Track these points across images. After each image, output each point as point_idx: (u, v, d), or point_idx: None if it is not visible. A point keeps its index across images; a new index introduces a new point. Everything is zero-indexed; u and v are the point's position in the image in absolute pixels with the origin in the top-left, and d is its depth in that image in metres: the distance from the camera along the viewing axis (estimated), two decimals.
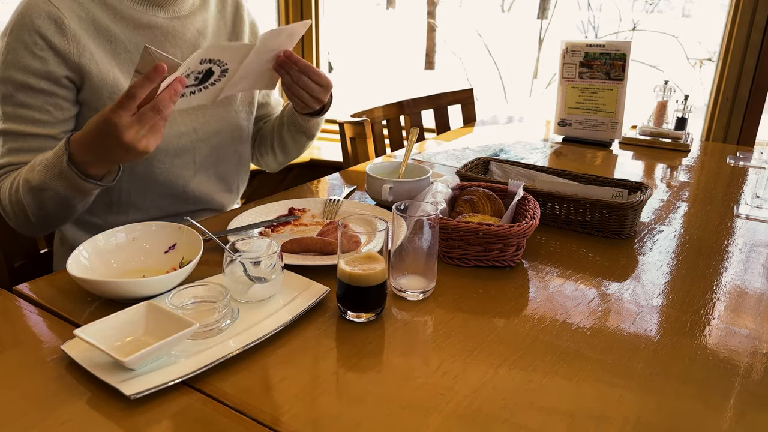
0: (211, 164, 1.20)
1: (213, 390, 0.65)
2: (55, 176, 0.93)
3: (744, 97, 2.29)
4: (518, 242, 0.95)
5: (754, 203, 1.32)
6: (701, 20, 7.93)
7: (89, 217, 1.15)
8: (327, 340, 0.76)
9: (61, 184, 0.93)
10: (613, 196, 1.13)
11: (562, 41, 1.84)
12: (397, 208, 0.84)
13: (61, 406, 0.62)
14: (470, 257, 0.96)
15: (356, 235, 0.82)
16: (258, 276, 0.79)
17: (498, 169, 1.31)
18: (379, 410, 0.63)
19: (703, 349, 0.77)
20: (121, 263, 0.89)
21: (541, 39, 6.16)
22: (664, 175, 1.58)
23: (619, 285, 0.93)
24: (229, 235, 1.01)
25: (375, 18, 11.70)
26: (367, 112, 1.83)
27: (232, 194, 1.30)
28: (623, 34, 5.52)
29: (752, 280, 0.97)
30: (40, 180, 0.94)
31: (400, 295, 0.86)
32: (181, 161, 1.14)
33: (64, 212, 1.00)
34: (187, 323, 0.69)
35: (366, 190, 1.22)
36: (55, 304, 0.81)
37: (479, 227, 0.93)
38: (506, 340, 0.77)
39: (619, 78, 1.78)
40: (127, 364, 0.64)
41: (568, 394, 0.67)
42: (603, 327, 0.81)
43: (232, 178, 1.27)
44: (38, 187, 0.95)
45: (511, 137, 1.90)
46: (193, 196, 1.19)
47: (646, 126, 1.92)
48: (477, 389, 0.67)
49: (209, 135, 1.17)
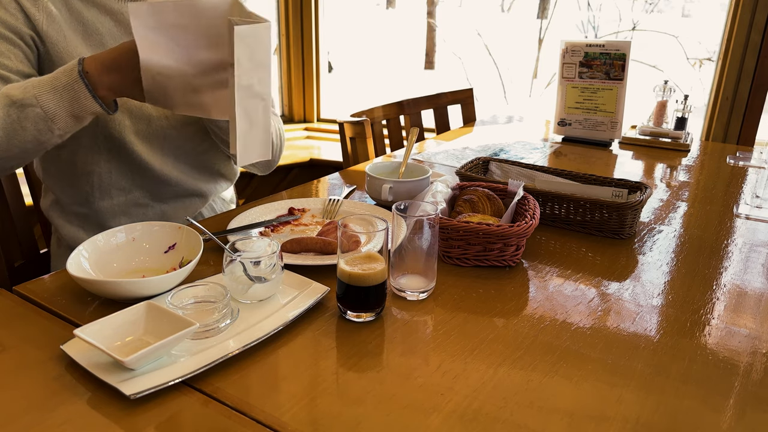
0: (186, 153, 1.18)
1: (213, 390, 0.65)
2: (51, 90, 0.90)
3: (744, 97, 2.29)
4: (518, 242, 0.95)
5: (753, 203, 1.32)
6: (701, 20, 7.93)
7: (76, 207, 1.15)
8: (327, 340, 0.76)
9: (54, 98, 0.90)
10: (613, 196, 1.13)
11: (561, 41, 1.84)
12: (397, 208, 0.84)
13: (61, 405, 0.62)
14: (470, 257, 0.96)
15: (356, 235, 0.82)
16: (258, 276, 0.79)
17: (498, 169, 1.31)
18: (379, 410, 0.64)
19: (703, 349, 0.77)
20: (121, 263, 0.89)
21: (540, 39, 6.16)
22: (664, 174, 1.58)
23: (618, 285, 0.93)
24: (229, 235, 1.01)
25: (375, 18, 11.71)
26: (367, 111, 1.83)
27: (218, 181, 1.28)
28: (623, 33, 5.52)
29: (752, 279, 0.97)
30: (27, 95, 0.90)
31: (400, 294, 0.86)
32: (153, 145, 1.13)
33: (31, 140, 0.93)
34: (187, 323, 0.69)
35: (366, 190, 1.22)
36: (55, 304, 0.81)
37: (479, 227, 0.93)
38: (506, 340, 0.77)
39: (619, 78, 1.78)
40: (127, 363, 0.64)
41: (568, 394, 0.67)
42: (603, 327, 0.81)
43: (213, 164, 1.25)
44: (21, 102, 0.90)
45: (511, 137, 1.90)
46: (174, 179, 1.19)
47: (646, 126, 1.92)
48: (477, 389, 0.67)
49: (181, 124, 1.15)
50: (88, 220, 1.16)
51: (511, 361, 0.73)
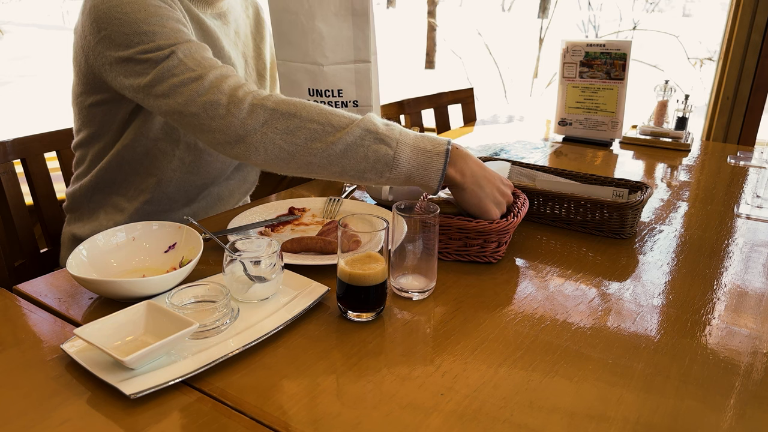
0: None
1: (213, 389, 0.65)
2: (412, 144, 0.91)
3: (744, 97, 2.29)
4: (499, 239, 0.95)
5: (754, 203, 1.32)
6: (702, 20, 7.93)
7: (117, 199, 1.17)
8: (327, 340, 0.76)
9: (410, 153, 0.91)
10: (614, 196, 1.13)
11: (562, 40, 1.84)
12: (397, 208, 0.84)
13: (61, 405, 0.62)
14: (451, 251, 0.96)
15: (356, 235, 0.82)
16: (258, 275, 0.79)
17: None
18: (379, 410, 0.63)
19: (704, 349, 0.77)
20: (120, 263, 0.89)
21: (541, 38, 6.16)
22: (665, 174, 1.58)
23: (619, 285, 0.93)
24: (229, 234, 1.01)
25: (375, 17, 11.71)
26: None
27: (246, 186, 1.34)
28: (624, 33, 5.52)
29: (752, 279, 0.97)
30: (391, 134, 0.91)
31: (400, 294, 0.86)
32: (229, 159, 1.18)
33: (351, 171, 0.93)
34: (186, 323, 0.68)
35: (366, 190, 1.22)
36: (55, 303, 0.81)
37: (457, 222, 0.93)
38: (506, 340, 0.77)
39: (620, 77, 1.78)
40: (127, 363, 0.64)
41: (568, 393, 0.67)
42: (603, 327, 0.81)
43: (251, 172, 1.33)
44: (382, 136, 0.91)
45: (512, 136, 1.90)
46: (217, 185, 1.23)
47: (647, 125, 1.92)
48: (477, 389, 0.67)
49: None
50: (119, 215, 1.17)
51: (511, 361, 0.73)
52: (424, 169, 0.92)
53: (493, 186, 0.96)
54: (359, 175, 0.93)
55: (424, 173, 0.92)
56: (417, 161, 0.92)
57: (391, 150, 0.91)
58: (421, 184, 0.94)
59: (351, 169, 0.92)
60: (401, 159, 0.91)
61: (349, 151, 0.91)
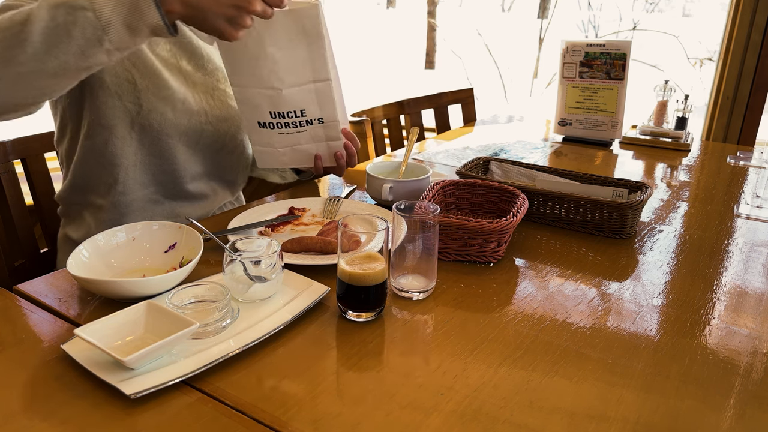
0: (215, 150, 1.22)
1: (213, 389, 0.65)
2: None
3: (744, 97, 2.29)
4: (498, 238, 0.95)
5: (754, 203, 1.32)
6: (702, 20, 7.93)
7: (93, 198, 1.16)
8: (327, 340, 0.76)
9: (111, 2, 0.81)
10: (614, 196, 1.13)
11: (562, 41, 1.84)
12: (397, 208, 0.84)
13: (61, 405, 0.62)
14: (451, 251, 0.96)
15: (356, 235, 0.82)
16: (258, 275, 0.79)
17: (498, 169, 1.31)
18: (379, 410, 0.63)
19: (703, 349, 0.77)
20: (121, 262, 0.89)
21: (541, 38, 6.16)
22: (665, 174, 1.58)
23: (619, 285, 0.93)
24: (229, 234, 1.01)
25: (375, 17, 11.71)
26: (368, 111, 1.83)
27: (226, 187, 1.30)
28: (623, 33, 5.53)
29: (752, 279, 0.97)
30: None
31: (400, 294, 0.86)
32: (188, 140, 1.16)
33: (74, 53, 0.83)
34: (187, 323, 0.68)
35: (366, 190, 1.22)
36: (55, 303, 0.81)
37: (458, 221, 0.93)
38: (506, 340, 0.77)
39: (620, 77, 1.78)
40: (127, 363, 0.64)
41: (568, 393, 0.67)
42: (603, 327, 0.81)
43: (230, 169, 1.29)
44: (71, 3, 0.80)
45: (512, 137, 1.90)
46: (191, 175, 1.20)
47: (647, 125, 1.92)
48: (477, 389, 0.67)
49: (217, 120, 1.19)
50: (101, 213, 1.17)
51: (511, 361, 0.73)
52: (137, 10, 0.82)
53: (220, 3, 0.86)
54: (81, 62, 0.83)
55: (140, 15, 0.82)
56: (124, 7, 0.82)
57: (89, 11, 0.80)
58: (148, 27, 0.84)
59: (68, 58, 0.82)
60: (106, 13, 0.81)
61: (49, 38, 0.81)
